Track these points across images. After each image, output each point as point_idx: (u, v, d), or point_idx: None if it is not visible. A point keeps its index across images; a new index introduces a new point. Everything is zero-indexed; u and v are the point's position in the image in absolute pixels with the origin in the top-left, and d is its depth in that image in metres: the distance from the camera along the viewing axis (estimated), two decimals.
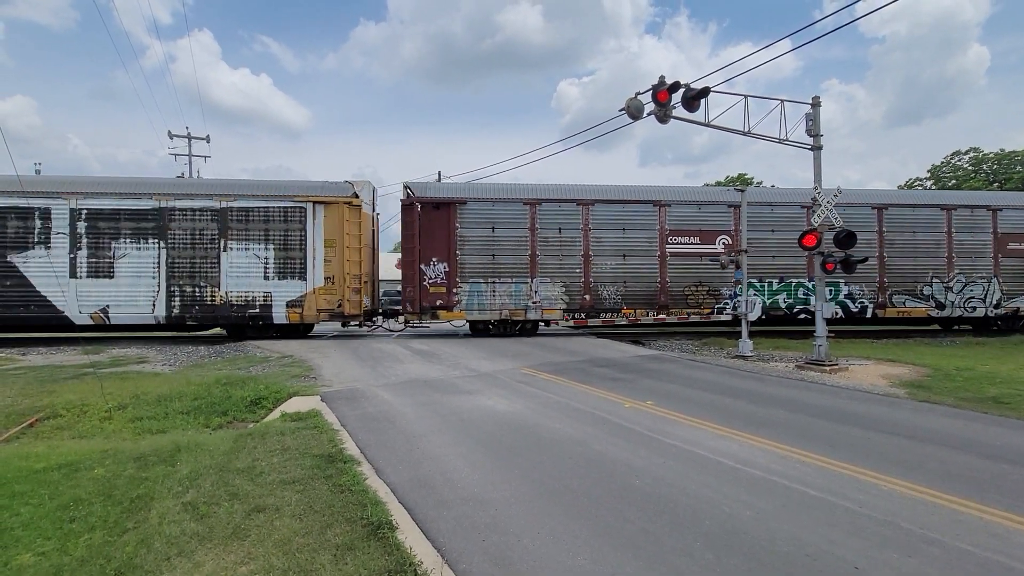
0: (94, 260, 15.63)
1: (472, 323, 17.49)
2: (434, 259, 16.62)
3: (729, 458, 5.77)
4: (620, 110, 11.58)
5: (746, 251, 14.72)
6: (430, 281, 16.60)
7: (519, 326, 17.40)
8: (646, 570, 3.57)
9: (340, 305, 16.40)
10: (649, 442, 6.35)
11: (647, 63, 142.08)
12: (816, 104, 12.43)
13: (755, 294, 17.05)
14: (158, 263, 15.81)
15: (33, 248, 15.38)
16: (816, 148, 12.45)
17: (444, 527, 4.18)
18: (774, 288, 17.80)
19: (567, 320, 17.24)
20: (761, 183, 42.05)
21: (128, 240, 15.77)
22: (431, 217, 16.63)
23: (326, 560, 3.62)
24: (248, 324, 16.38)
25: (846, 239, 11.73)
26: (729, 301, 17.48)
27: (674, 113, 11.58)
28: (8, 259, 15.26)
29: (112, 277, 15.64)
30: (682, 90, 11.30)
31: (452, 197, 16.87)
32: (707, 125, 12.05)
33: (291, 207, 16.26)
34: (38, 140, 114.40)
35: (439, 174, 34.26)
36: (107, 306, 15.65)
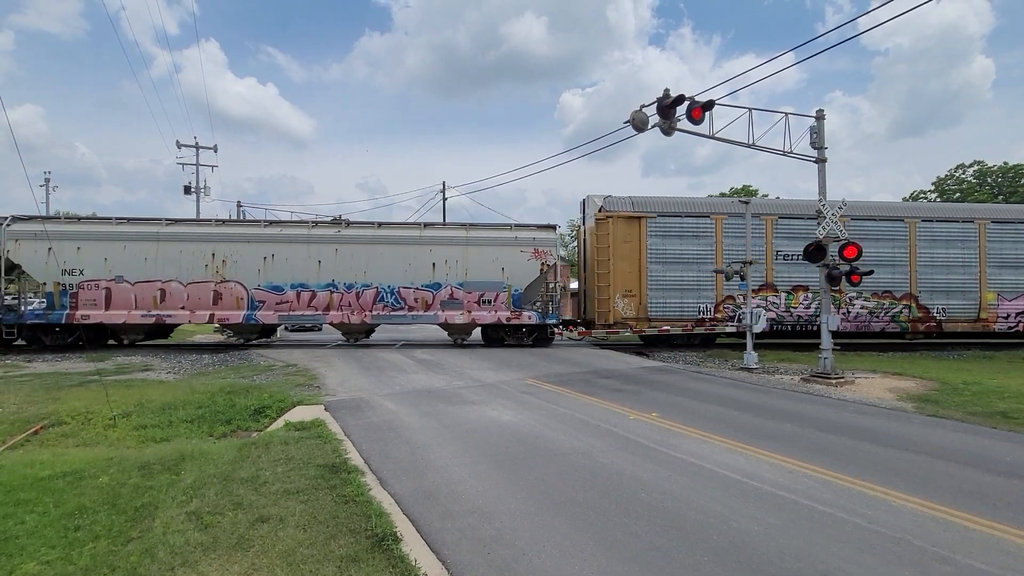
0: None
1: None
2: None
3: (736, 472, 5.72)
4: (625, 122, 11.65)
5: (751, 262, 14.70)
6: None
7: None
8: None
9: None
10: (655, 455, 6.30)
11: (650, 74, 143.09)
12: (820, 117, 12.47)
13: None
14: None
15: None
16: (820, 161, 12.48)
17: (449, 539, 4.14)
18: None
19: None
20: (767, 195, 42.09)
21: None
22: None
23: (330, 572, 3.60)
24: None
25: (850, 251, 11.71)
26: None
27: (679, 126, 11.64)
28: None
29: None
30: (687, 103, 11.37)
31: None
32: (711, 137, 12.11)
33: None
34: (46, 148, 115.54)
35: (443, 184, 34.47)
36: None
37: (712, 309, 17.51)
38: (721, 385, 11.34)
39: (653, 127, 11.63)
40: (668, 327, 17.21)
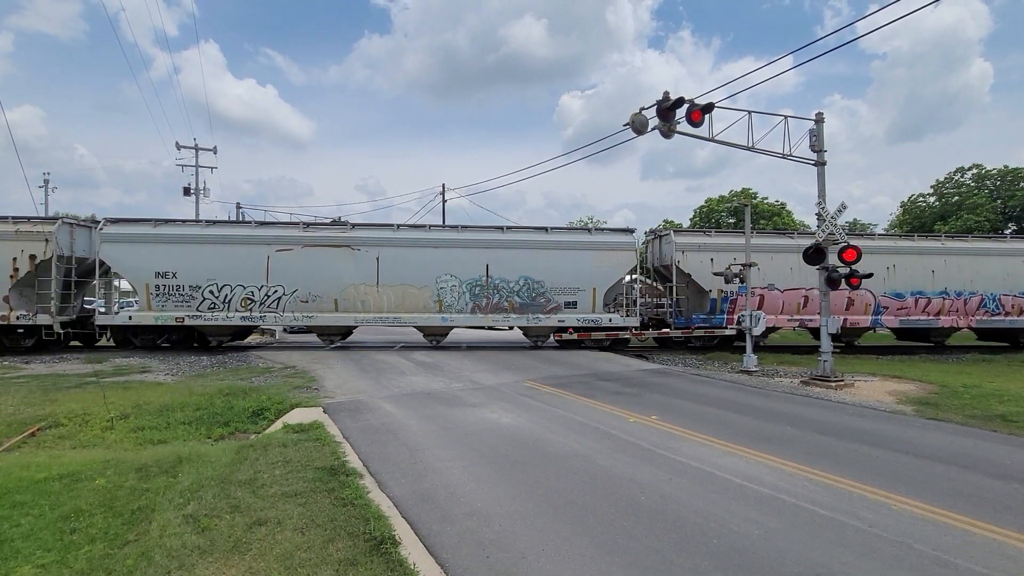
0: None
1: None
2: None
3: (736, 475, 5.70)
4: (625, 125, 11.65)
5: (752, 265, 14.70)
6: None
7: None
8: None
9: None
10: (655, 458, 6.28)
11: (650, 77, 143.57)
12: (819, 120, 12.49)
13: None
14: None
15: None
16: (820, 164, 12.49)
17: (448, 543, 4.12)
18: None
19: None
20: (766, 198, 42.12)
21: None
22: None
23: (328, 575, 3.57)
24: None
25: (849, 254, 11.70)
26: None
27: (678, 128, 11.65)
28: None
29: None
30: (686, 106, 11.37)
31: None
32: (711, 140, 12.12)
33: None
34: (45, 150, 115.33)
35: (443, 187, 34.48)
36: None
37: None
38: (721, 388, 11.33)
39: (653, 130, 11.64)
40: None
